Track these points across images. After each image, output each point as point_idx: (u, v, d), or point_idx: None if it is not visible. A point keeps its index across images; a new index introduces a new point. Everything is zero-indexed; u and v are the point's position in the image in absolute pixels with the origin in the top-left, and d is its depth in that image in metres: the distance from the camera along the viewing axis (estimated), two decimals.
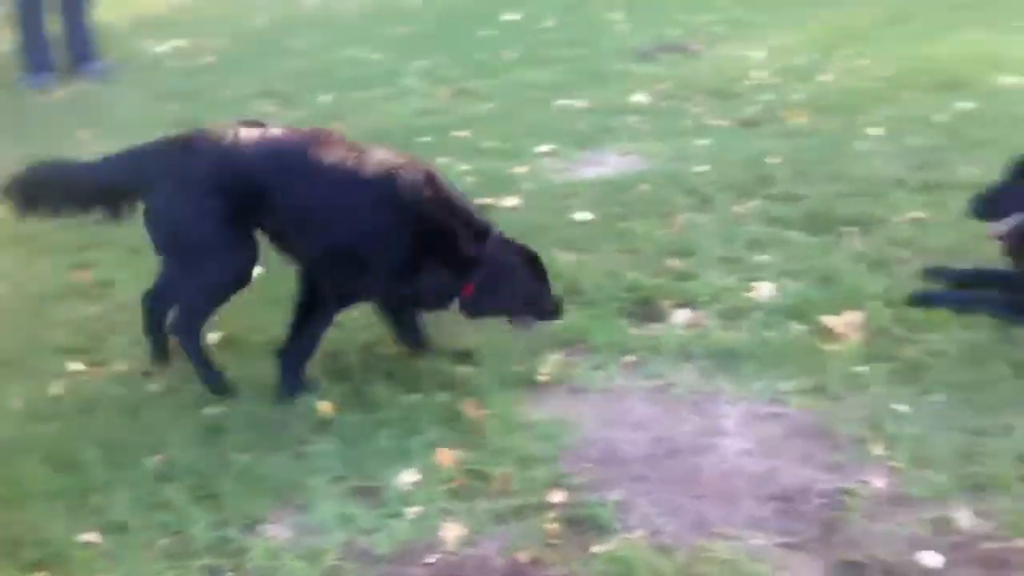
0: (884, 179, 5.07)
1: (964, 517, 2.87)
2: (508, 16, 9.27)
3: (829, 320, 3.86)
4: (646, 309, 4.07)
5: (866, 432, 3.25)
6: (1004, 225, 3.90)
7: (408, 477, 3.14)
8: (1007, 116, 5.79)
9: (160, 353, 3.90)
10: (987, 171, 4.92)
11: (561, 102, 6.62)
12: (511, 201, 5.10)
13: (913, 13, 8.21)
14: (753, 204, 4.91)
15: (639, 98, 6.57)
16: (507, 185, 5.33)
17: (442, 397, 3.54)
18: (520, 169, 5.54)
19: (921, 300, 3.92)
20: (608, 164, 5.59)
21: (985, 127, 5.66)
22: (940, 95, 6.25)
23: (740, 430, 3.32)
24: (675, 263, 4.38)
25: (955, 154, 5.33)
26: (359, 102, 7.17)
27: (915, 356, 3.62)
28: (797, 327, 3.85)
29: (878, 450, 3.16)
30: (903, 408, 3.34)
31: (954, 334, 3.72)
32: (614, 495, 3.02)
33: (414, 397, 3.55)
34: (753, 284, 4.16)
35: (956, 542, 2.78)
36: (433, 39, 8.77)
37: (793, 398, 3.46)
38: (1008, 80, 6.40)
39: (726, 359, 3.69)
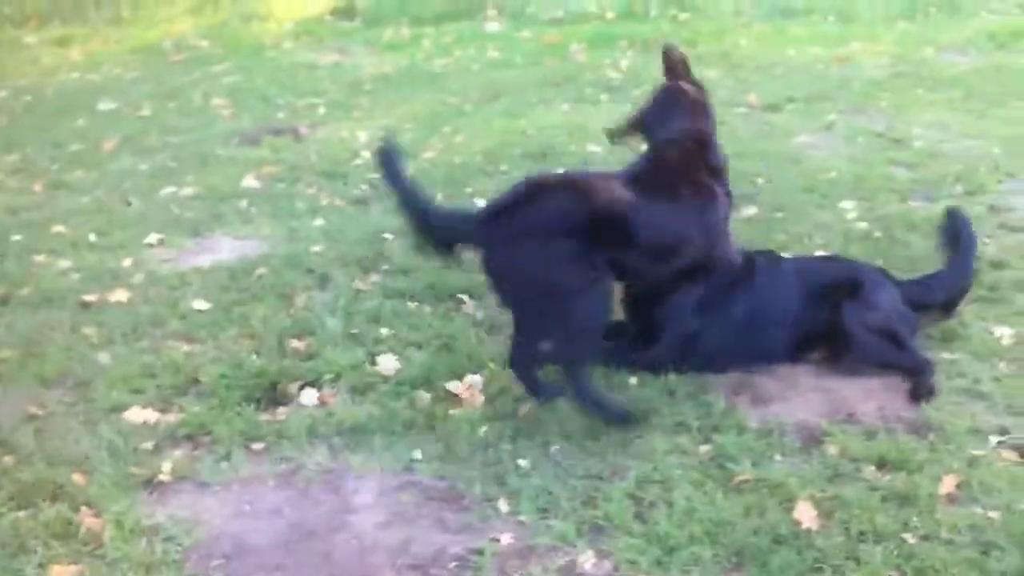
0: None
1: (588, 560, 3.03)
2: (104, 105, 8.89)
3: (452, 386, 3.98)
4: (272, 394, 4.00)
5: (493, 490, 3.36)
6: None
7: None
8: None
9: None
10: None
11: (167, 190, 6.40)
12: (120, 295, 4.85)
13: (502, 91, 8.76)
14: (372, 279, 4.99)
15: (249, 182, 6.49)
16: (114, 279, 5.06)
17: (53, 509, 3.25)
18: (127, 262, 5.28)
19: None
20: (222, 250, 5.46)
21: None
22: (535, 164, 6.66)
23: (373, 504, 3.33)
24: (298, 344, 4.34)
25: None
26: None
27: (533, 413, 3.80)
28: (423, 395, 3.93)
29: (505, 506, 3.28)
30: (525, 463, 3.50)
31: (564, 387, 3.94)
32: None
33: (21, 513, 3.25)
34: (378, 358, 4.21)
35: None
36: (22, 131, 8.23)
37: (423, 465, 3.52)
38: (593, 148, 6.95)
39: (355, 435, 3.69)
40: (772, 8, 11.89)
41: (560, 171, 5.26)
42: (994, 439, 3.58)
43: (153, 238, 5.60)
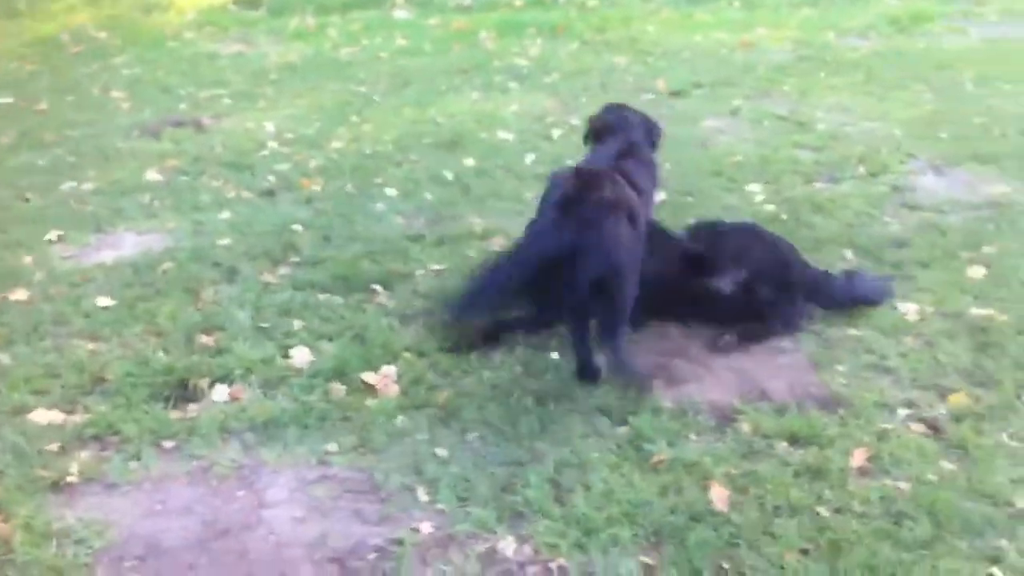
0: (403, 236, 5.29)
1: (508, 546, 3.02)
2: None
3: (367, 376, 3.94)
4: (181, 391, 3.90)
5: (411, 480, 3.34)
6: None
7: None
8: (505, 168, 6.27)
9: None
10: (497, 221, 5.33)
11: (67, 186, 6.21)
12: (20, 294, 4.68)
13: (411, 79, 8.70)
14: (281, 272, 4.91)
15: (152, 176, 6.33)
16: (13, 277, 4.88)
17: None
18: (26, 260, 5.10)
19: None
20: (125, 246, 5.31)
21: (488, 179, 6.09)
22: (446, 153, 6.64)
23: (288, 498, 3.27)
24: (207, 339, 4.24)
25: (466, 207, 5.68)
26: None
27: (449, 400, 3.77)
28: (337, 387, 3.88)
29: (424, 496, 3.25)
30: (443, 452, 3.47)
31: (482, 375, 3.94)
32: None
33: None
34: (290, 351, 4.14)
35: (503, 570, 2.93)
36: None
37: (339, 458, 3.47)
38: (504, 135, 6.94)
39: (268, 429, 3.63)
40: None
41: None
42: (902, 412, 3.67)
43: (53, 234, 5.43)
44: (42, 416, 3.73)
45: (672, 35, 10.27)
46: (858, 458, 3.39)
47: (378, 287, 4.68)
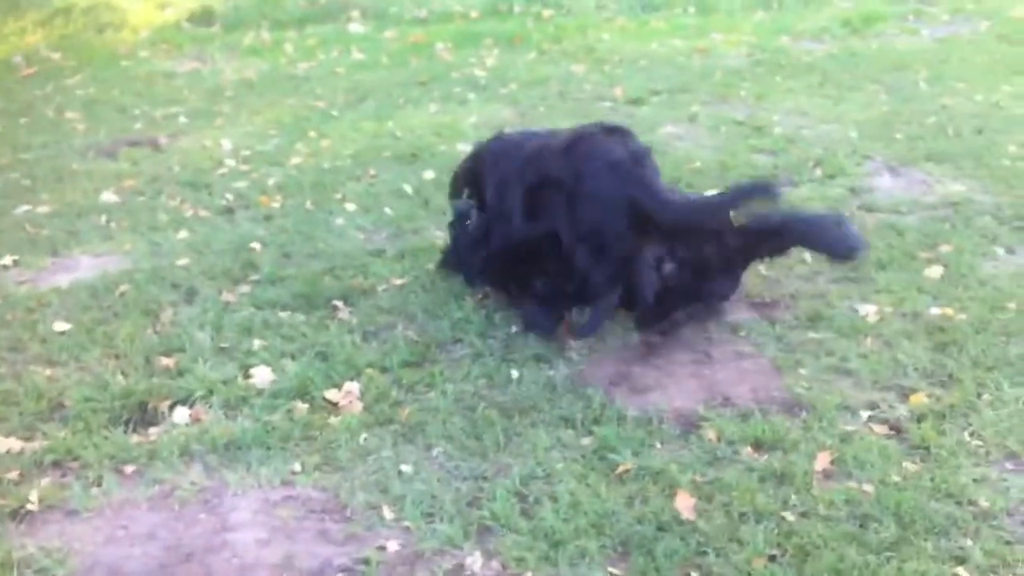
0: (364, 251, 5.26)
1: (476, 562, 3.01)
2: None
3: (331, 394, 3.91)
4: (141, 414, 3.86)
5: (377, 497, 3.32)
6: None
7: None
8: None
9: None
10: None
11: (21, 209, 6.12)
12: None
13: (368, 93, 8.66)
14: (242, 291, 4.86)
15: (108, 196, 6.25)
16: None
17: None
18: None
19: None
20: (81, 268, 5.24)
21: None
22: (405, 166, 6.62)
23: (252, 520, 3.24)
24: (167, 361, 4.20)
25: (426, 220, 5.66)
26: None
27: (413, 415, 3.76)
28: (300, 406, 3.85)
29: (389, 513, 3.23)
30: (408, 468, 3.46)
31: (444, 388, 3.92)
32: None
33: None
34: (251, 370, 4.10)
35: None
36: None
37: (303, 478, 3.44)
38: (464, 147, 6.90)
39: (231, 451, 3.60)
40: (633, 2, 12.05)
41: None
42: (864, 414, 3.69)
43: (8, 259, 5.35)
44: (0, 444, 3.67)
45: (628, 43, 10.30)
46: (822, 461, 3.40)
47: (340, 303, 4.66)
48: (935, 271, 4.77)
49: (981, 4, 11.50)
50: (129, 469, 3.53)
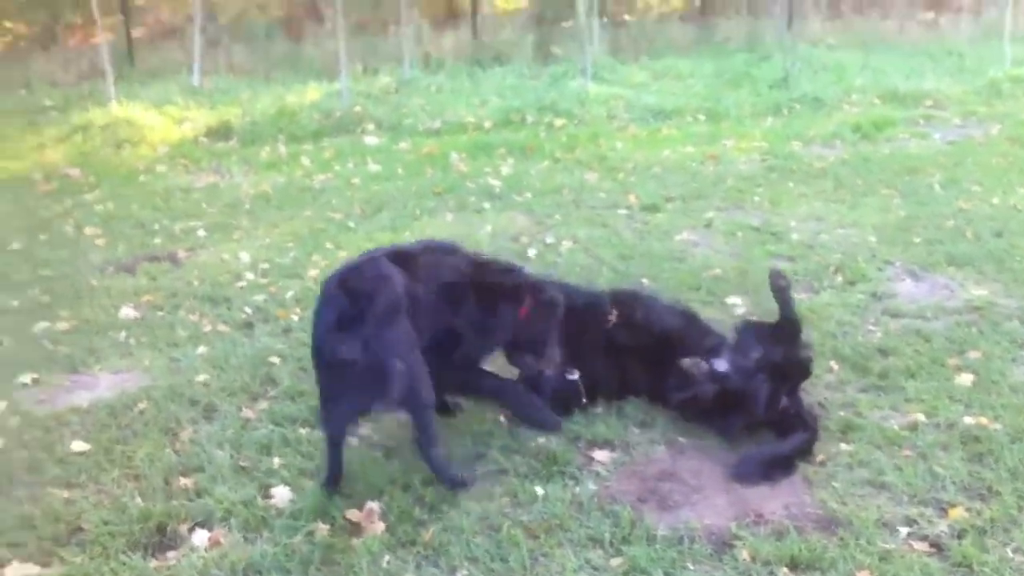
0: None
1: None
2: None
3: (351, 514, 3.83)
4: (160, 538, 3.78)
5: None
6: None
7: None
8: None
9: None
10: None
11: (40, 326, 6.11)
12: None
13: (384, 204, 8.72)
14: (260, 407, 4.82)
15: (126, 312, 6.25)
16: None
17: None
18: (0, 405, 4.99)
19: None
20: (100, 386, 5.21)
21: None
22: None
23: None
24: (185, 481, 4.13)
25: None
26: None
27: (436, 536, 3.66)
28: (321, 527, 3.77)
29: None
30: None
31: (467, 507, 3.83)
32: None
33: None
34: (271, 490, 4.03)
35: None
36: None
37: None
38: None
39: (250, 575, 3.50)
40: (644, 111, 12.22)
41: None
42: (903, 530, 3.58)
43: (27, 378, 5.32)
44: (17, 570, 3.60)
45: (640, 151, 10.41)
46: None
47: (359, 418, 4.59)
48: (965, 378, 4.70)
49: (992, 107, 11.63)
50: None
